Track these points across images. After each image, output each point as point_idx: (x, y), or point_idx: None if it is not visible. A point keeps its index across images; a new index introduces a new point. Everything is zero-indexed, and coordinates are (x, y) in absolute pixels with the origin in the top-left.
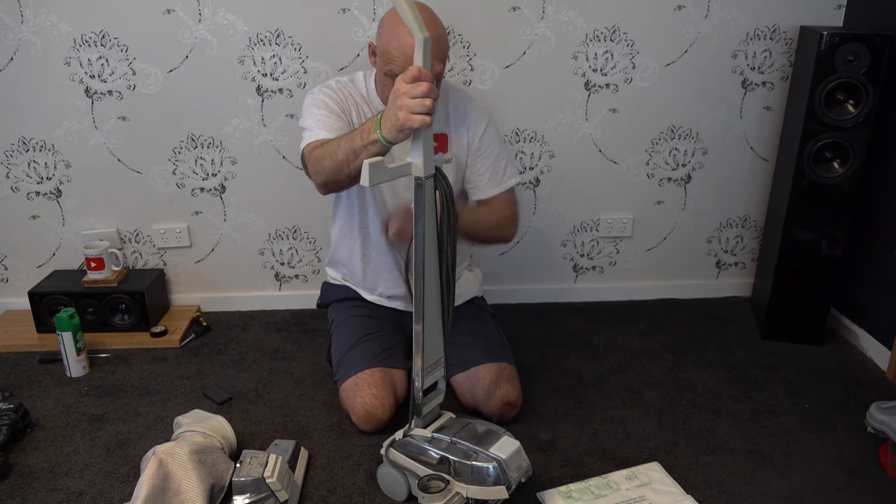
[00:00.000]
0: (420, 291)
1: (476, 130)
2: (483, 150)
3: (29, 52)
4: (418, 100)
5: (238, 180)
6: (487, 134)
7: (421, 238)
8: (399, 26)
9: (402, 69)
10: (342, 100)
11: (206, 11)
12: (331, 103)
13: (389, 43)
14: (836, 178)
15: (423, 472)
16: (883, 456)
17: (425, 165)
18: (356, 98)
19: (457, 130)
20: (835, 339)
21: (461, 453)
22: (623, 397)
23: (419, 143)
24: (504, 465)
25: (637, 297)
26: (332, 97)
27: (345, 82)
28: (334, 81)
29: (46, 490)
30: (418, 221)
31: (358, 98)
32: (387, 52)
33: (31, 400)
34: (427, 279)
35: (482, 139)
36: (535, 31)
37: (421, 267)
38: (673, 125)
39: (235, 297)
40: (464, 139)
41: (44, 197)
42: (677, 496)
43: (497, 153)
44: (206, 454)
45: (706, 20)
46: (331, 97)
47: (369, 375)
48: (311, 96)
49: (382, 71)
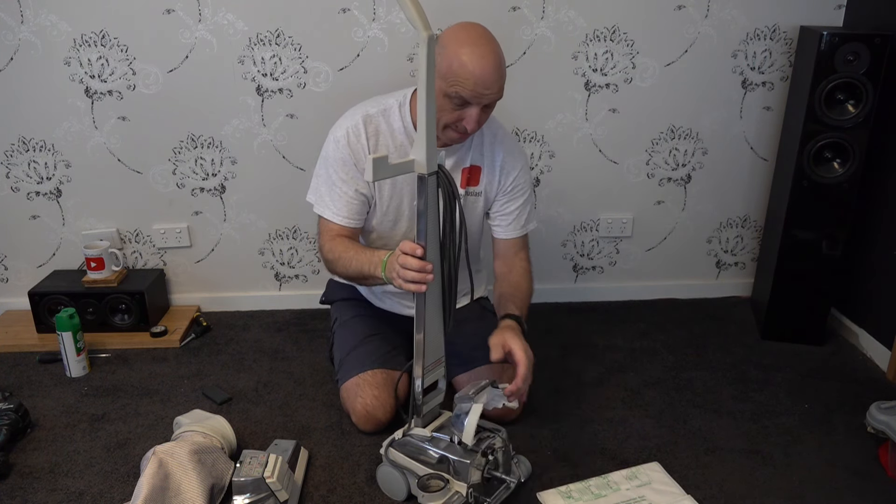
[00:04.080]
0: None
1: (511, 171)
2: (515, 192)
3: (29, 52)
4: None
5: (238, 180)
6: (521, 176)
7: (424, 235)
8: (478, 46)
9: (472, 94)
10: (368, 151)
11: (206, 11)
12: (351, 162)
13: (464, 66)
14: (836, 178)
15: (423, 471)
16: (883, 456)
17: (428, 162)
18: (388, 137)
19: (491, 166)
20: (835, 339)
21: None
22: (623, 397)
23: (422, 140)
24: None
25: (637, 297)
26: (354, 153)
27: (376, 118)
28: (361, 119)
29: (46, 490)
30: (421, 218)
31: (390, 137)
32: (453, 73)
33: (31, 400)
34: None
35: (515, 180)
36: (535, 31)
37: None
38: (673, 125)
39: (235, 297)
40: (496, 176)
41: (44, 197)
42: (677, 496)
43: (527, 197)
44: (206, 454)
45: (706, 20)
46: (352, 153)
47: (371, 377)
48: (334, 143)
49: (443, 92)
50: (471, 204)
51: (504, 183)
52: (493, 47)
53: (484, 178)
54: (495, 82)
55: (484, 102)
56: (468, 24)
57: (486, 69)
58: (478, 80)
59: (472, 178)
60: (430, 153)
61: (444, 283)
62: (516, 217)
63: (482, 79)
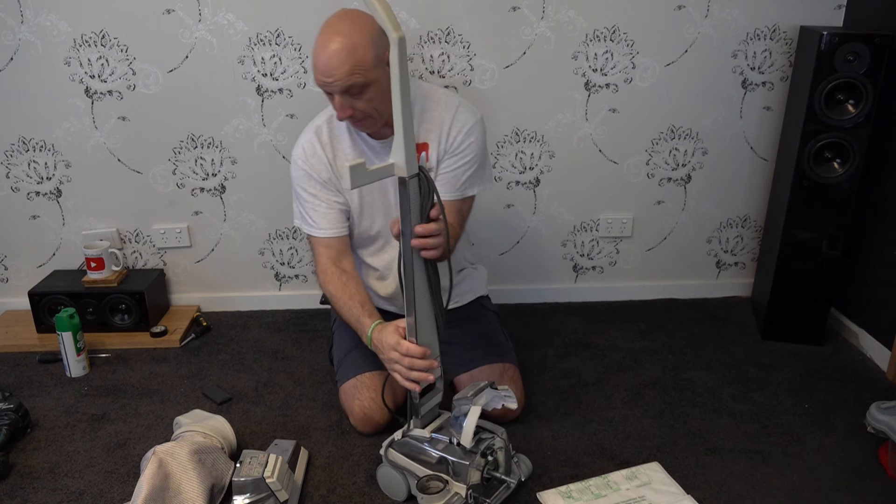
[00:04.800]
0: (411, 291)
1: (454, 133)
2: (458, 151)
3: (29, 52)
4: (418, 376)
5: (238, 180)
6: (468, 136)
7: (408, 237)
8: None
9: (322, 84)
10: (327, 161)
11: (206, 11)
12: (314, 177)
13: (313, 57)
14: (836, 178)
15: (422, 472)
16: (883, 456)
17: (408, 165)
18: (342, 141)
19: (438, 133)
20: (835, 339)
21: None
22: (623, 397)
23: (400, 144)
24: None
25: (637, 297)
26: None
27: (325, 127)
28: (314, 132)
29: (46, 490)
30: (404, 220)
31: (344, 139)
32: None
33: (31, 400)
34: (416, 279)
35: (461, 140)
36: (535, 31)
37: (411, 267)
38: (673, 125)
39: (235, 297)
40: (444, 141)
41: (44, 197)
42: (677, 496)
43: (470, 158)
44: (206, 454)
45: (706, 20)
46: (312, 168)
47: (369, 379)
48: (293, 164)
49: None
50: None
51: (449, 144)
52: (338, 32)
53: (433, 150)
54: (337, 68)
55: (335, 90)
56: (336, 13)
57: (323, 57)
58: (319, 69)
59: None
60: (410, 155)
61: (431, 283)
62: (454, 176)
63: (322, 67)
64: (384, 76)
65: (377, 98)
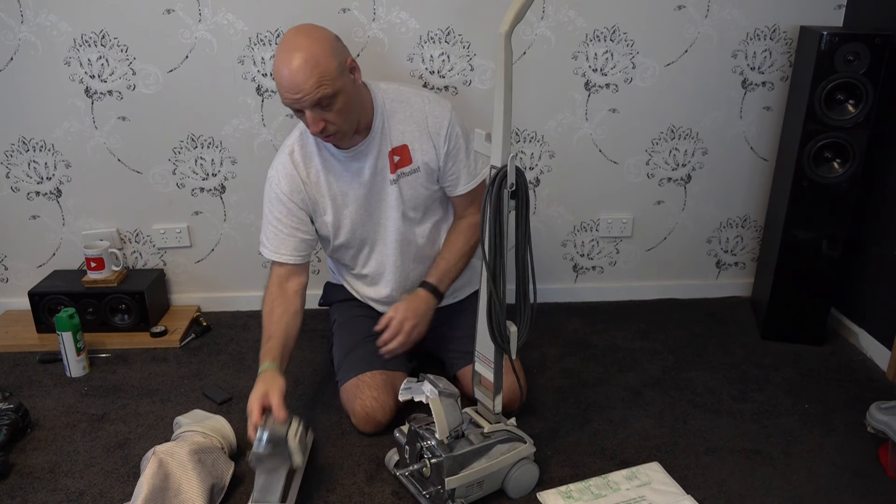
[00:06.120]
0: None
1: (439, 130)
2: (454, 144)
3: (29, 52)
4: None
5: (238, 180)
6: (452, 128)
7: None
8: (281, 52)
9: (289, 102)
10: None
11: (206, 11)
12: (284, 201)
13: (276, 76)
14: (836, 178)
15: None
16: (883, 456)
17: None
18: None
19: (420, 133)
20: (835, 339)
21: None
22: (623, 397)
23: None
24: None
25: (637, 297)
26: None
27: (298, 145)
28: (287, 154)
29: (46, 490)
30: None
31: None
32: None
33: (31, 400)
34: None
35: (449, 134)
36: (535, 31)
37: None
38: (673, 125)
39: (235, 297)
40: (430, 141)
41: (44, 197)
42: (677, 496)
43: (466, 147)
44: (206, 454)
45: (706, 20)
46: (285, 191)
47: (370, 378)
48: (268, 184)
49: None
50: (410, 182)
51: (441, 143)
52: (297, 48)
53: (416, 151)
54: (304, 82)
55: (305, 105)
56: (288, 31)
57: (286, 75)
58: (285, 87)
59: (403, 159)
60: (506, 149)
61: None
62: (465, 167)
63: (288, 85)
64: (350, 84)
65: (346, 107)
